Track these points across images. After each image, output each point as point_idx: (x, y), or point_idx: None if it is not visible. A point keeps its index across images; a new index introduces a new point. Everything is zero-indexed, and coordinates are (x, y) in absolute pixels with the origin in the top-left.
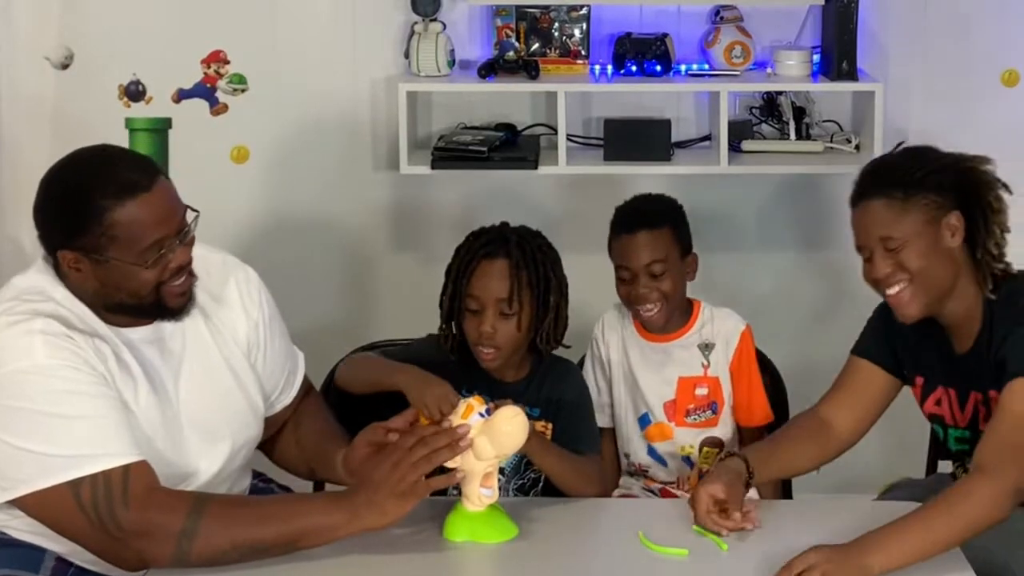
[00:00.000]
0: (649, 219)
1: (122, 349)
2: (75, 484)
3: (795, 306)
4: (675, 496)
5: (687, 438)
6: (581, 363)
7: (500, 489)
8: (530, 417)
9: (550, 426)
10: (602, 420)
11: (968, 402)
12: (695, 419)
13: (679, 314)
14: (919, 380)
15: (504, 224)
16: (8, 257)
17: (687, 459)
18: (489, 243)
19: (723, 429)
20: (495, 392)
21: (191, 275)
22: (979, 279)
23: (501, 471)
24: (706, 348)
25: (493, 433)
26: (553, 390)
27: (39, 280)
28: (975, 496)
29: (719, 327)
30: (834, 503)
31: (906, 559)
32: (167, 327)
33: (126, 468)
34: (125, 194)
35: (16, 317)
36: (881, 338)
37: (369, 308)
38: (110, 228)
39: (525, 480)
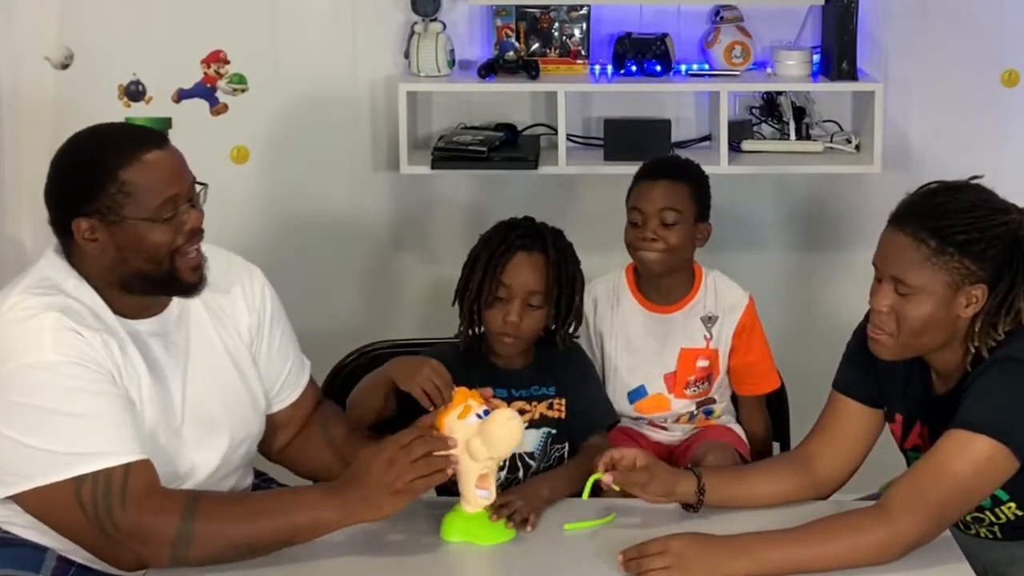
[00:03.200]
0: (673, 171)
1: (128, 343)
2: (77, 481)
3: (795, 306)
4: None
5: (683, 408)
6: None
7: (531, 472)
8: (547, 396)
9: (564, 402)
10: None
11: None
12: (694, 390)
13: (682, 282)
14: (899, 417)
15: (532, 219)
16: (8, 257)
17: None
18: (526, 235)
19: (718, 395)
20: (503, 380)
21: (201, 252)
22: (968, 347)
23: (530, 455)
24: (709, 321)
25: (488, 435)
26: (561, 368)
27: (49, 271)
28: (867, 536)
29: (722, 300)
30: (831, 502)
31: (772, 570)
32: (172, 319)
33: (127, 467)
34: (137, 151)
35: (26, 312)
36: (862, 371)
37: (369, 308)
38: (124, 185)
39: (551, 461)
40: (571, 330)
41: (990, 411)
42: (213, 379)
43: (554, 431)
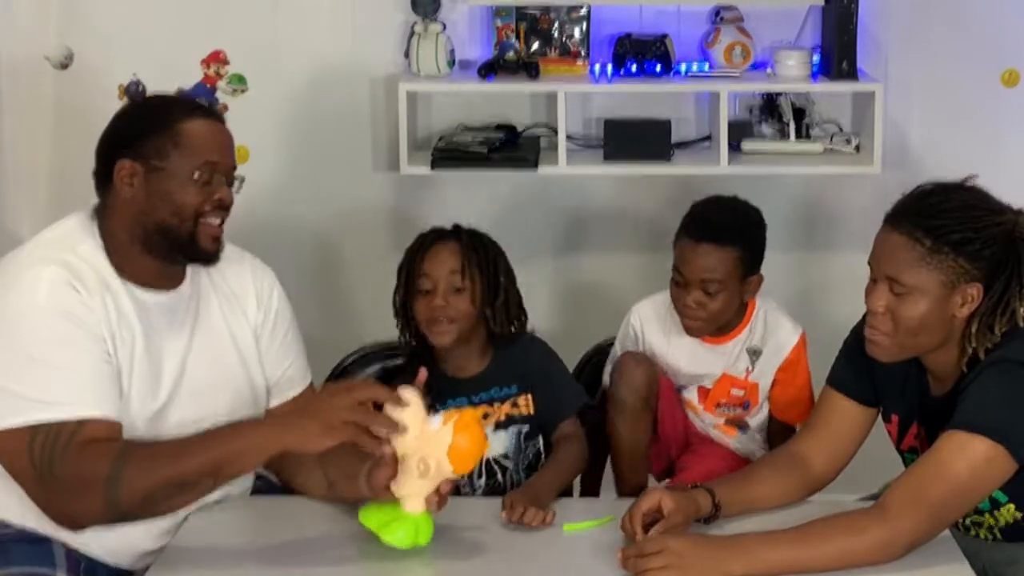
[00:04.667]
0: (719, 234)
1: (129, 309)
2: (33, 429)
3: (795, 307)
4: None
5: (709, 419)
6: (599, 352)
7: (508, 473)
8: (509, 396)
9: (531, 397)
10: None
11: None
12: (723, 411)
13: (733, 319)
14: (895, 418)
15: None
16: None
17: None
18: (437, 231)
19: (753, 420)
20: (459, 388)
21: (222, 229)
22: (965, 347)
23: (504, 456)
24: (754, 354)
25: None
26: (520, 364)
27: (69, 231)
28: (865, 536)
29: (771, 335)
30: (829, 503)
31: (770, 570)
32: (183, 298)
33: (81, 422)
34: (197, 113)
35: (30, 260)
36: (859, 370)
37: (369, 309)
38: (177, 135)
39: (529, 456)
40: (504, 312)
41: (987, 412)
42: (215, 363)
43: (526, 427)
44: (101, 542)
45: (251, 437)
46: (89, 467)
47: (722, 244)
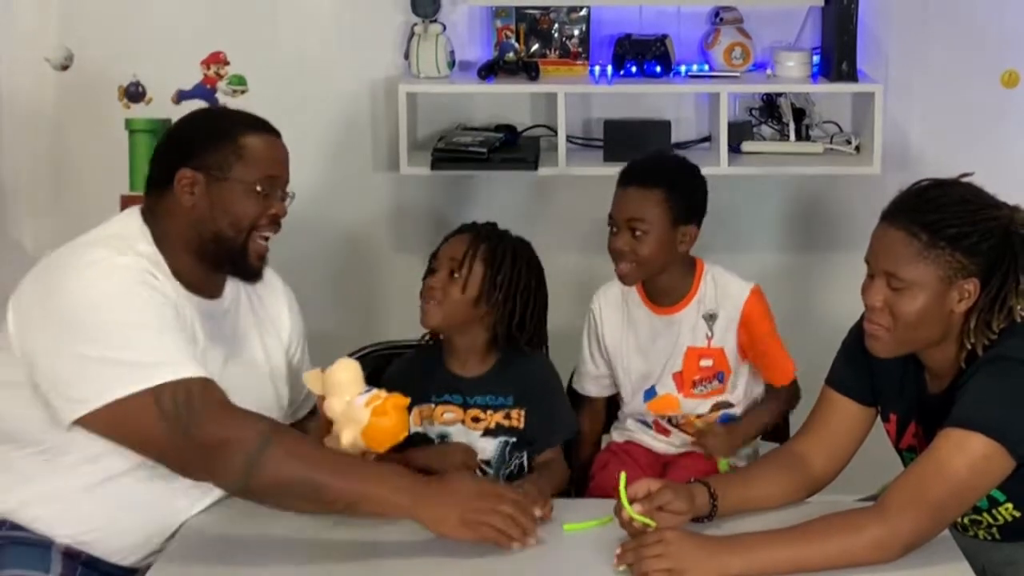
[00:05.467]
0: (644, 177)
1: (185, 305)
2: (157, 391)
3: (794, 307)
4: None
5: (695, 407)
6: None
7: (490, 477)
8: (504, 406)
9: (523, 412)
10: (595, 390)
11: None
12: (702, 390)
13: (683, 283)
14: (893, 417)
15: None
16: (8, 257)
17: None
18: (470, 224)
19: (733, 395)
20: (458, 387)
21: (268, 247)
22: (963, 343)
23: (487, 463)
24: (710, 318)
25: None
26: (520, 377)
27: (127, 229)
28: (864, 534)
29: (723, 295)
30: (829, 503)
31: (770, 569)
32: (222, 309)
33: (204, 381)
34: (259, 128)
35: (100, 250)
36: (857, 369)
37: (369, 309)
38: (240, 148)
39: (512, 467)
40: (518, 327)
41: (985, 409)
42: (247, 377)
43: (513, 439)
44: (107, 543)
45: (395, 494)
46: (237, 431)
47: (647, 186)
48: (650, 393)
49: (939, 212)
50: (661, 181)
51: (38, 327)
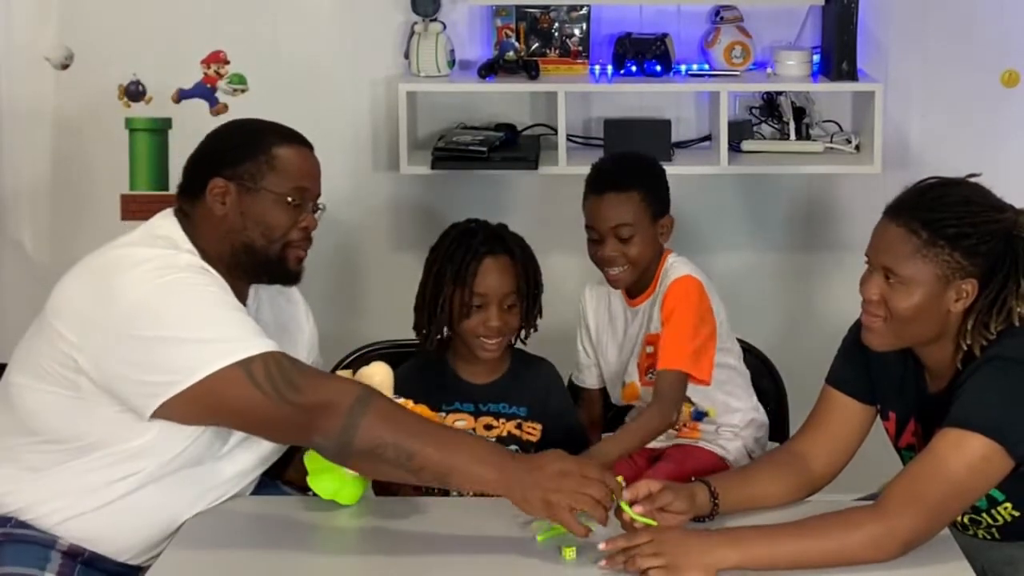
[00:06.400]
0: (618, 181)
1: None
2: (246, 363)
3: (794, 307)
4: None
5: (648, 396)
6: None
7: None
8: (516, 416)
9: (539, 427)
10: (589, 380)
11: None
12: (651, 377)
13: (649, 273)
14: (892, 415)
15: (479, 221)
16: (8, 257)
17: None
18: (487, 241)
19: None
20: (469, 394)
21: (306, 254)
22: (961, 344)
23: None
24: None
25: None
26: (536, 391)
27: (168, 232)
28: (862, 532)
29: (668, 281)
30: (827, 502)
31: (766, 564)
32: (252, 312)
33: (283, 353)
34: (291, 140)
35: (157, 250)
36: (857, 368)
37: (369, 308)
38: (272, 160)
39: None
40: (534, 321)
41: (983, 410)
42: None
43: (519, 450)
44: (113, 542)
45: (484, 468)
46: (336, 390)
47: (624, 189)
48: (624, 384)
49: (941, 211)
50: (635, 182)
51: (104, 327)
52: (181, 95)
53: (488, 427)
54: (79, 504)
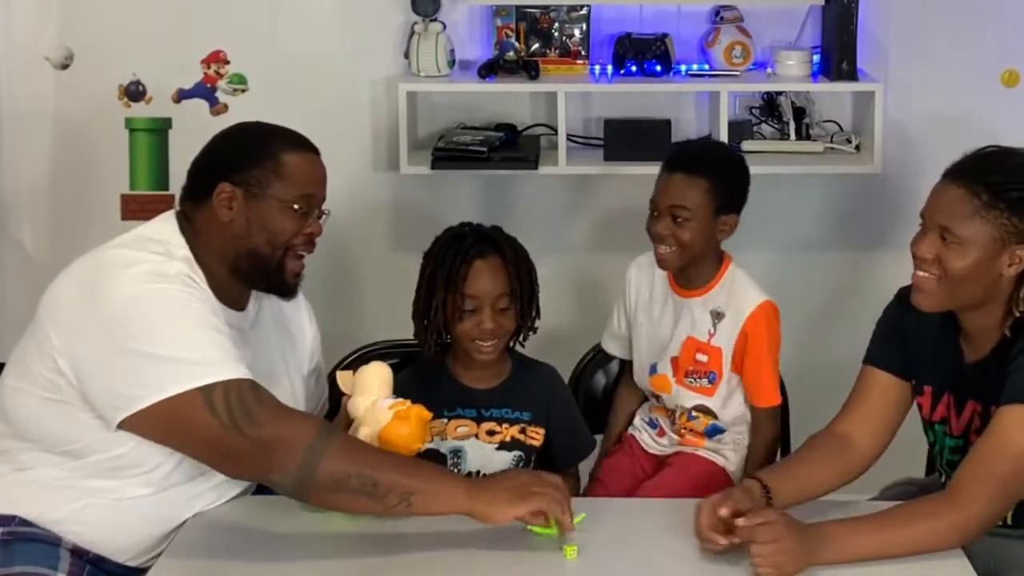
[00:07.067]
0: (690, 163)
1: (219, 314)
2: (206, 390)
3: (795, 307)
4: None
5: (682, 399)
6: (598, 352)
7: None
8: (520, 421)
9: (542, 431)
10: (615, 349)
11: (965, 411)
12: (691, 382)
13: (707, 272)
14: (928, 389)
15: (471, 224)
16: (8, 257)
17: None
18: (477, 242)
19: (717, 402)
20: (472, 400)
21: (304, 266)
22: (1010, 308)
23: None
24: (717, 316)
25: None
26: (539, 394)
27: (164, 235)
28: (942, 521)
29: (735, 299)
30: (832, 502)
31: (855, 558)
32: (249, 320)
33: (252, 383)
34: (299, 147)
35: (141, 254)
36: (893, 344)
37: (369, 308)
38: (279, 166)
39: None
40: (532, 322)
41: None
42: (270, 386)
43: (523, 454)
44: (111, 544)
45: (449, 487)
46: (294, 429)
47: (692, 173)
48: (653, 369)
49: (1003, 174)
50: (707, 169)
51: (86, 330)
52: (181, 95)
53: (491, 432)
54: (73, 507)
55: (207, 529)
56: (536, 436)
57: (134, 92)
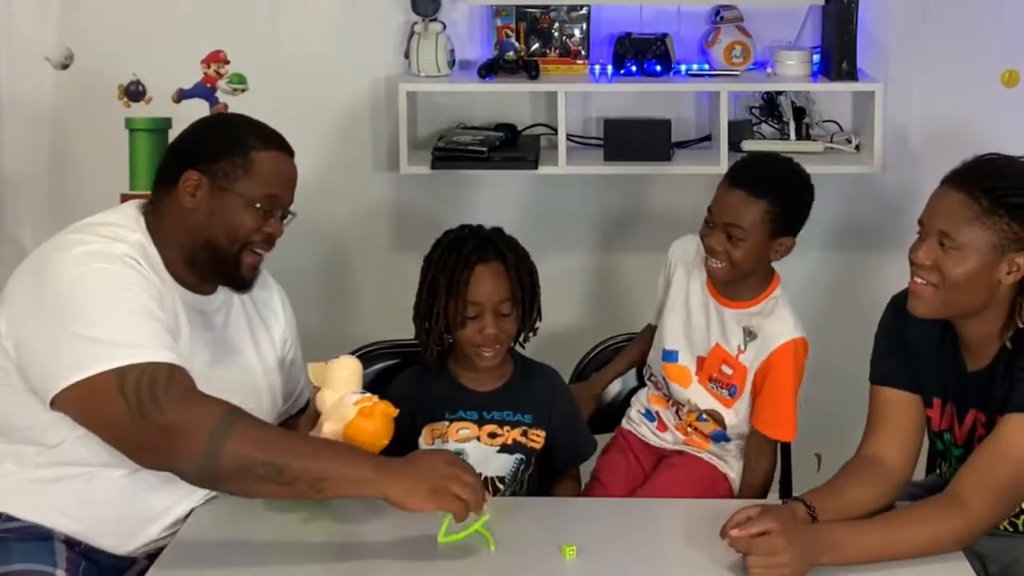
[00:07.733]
0: (753, 183)
1: (177, 299)
2: (121, 372)
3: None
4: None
5: (700, 399)
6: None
7: (500, 494)
8: (521, 424)
9: (543, 433)
10: (650, 316)
11: (966, 420)
12: (713, 388)
13: (752, 288)
14: (936, 402)
15: (472, 226)
16: (8, 257)
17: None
18: (478, 248)
19: (731, 415)
20: (473, 402)
21: (262, 260)
22: (1010, 317)
23: (501, 479)
24: (749, 335)
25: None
26: (540, 396)
27: (118, 218)
28: (945, 526)
29: (770, 323)
30: None
31: (855, 561)
32: (215, 304)
33: (171, 367)
34: (272, 145)
35: (88, 236)
36: (897, 358)
37: (368, 308)
38: (249, 163)
39: (522, 485)
40: (532, 325)
41: None
42: (238, 375)
43: (524, 457)
44: (96, 528)
45: (360, 470)
46: (198, 413)
47: (753, 194)
48: (671, 356)
49: (1004, 180)
50: (768, 191)
51: (26, 312)
52: (181, 95)
53: (492, 435)
54: (52, 495)
55: (206, 527)
56: (537, 438)
57: (134, 92)
